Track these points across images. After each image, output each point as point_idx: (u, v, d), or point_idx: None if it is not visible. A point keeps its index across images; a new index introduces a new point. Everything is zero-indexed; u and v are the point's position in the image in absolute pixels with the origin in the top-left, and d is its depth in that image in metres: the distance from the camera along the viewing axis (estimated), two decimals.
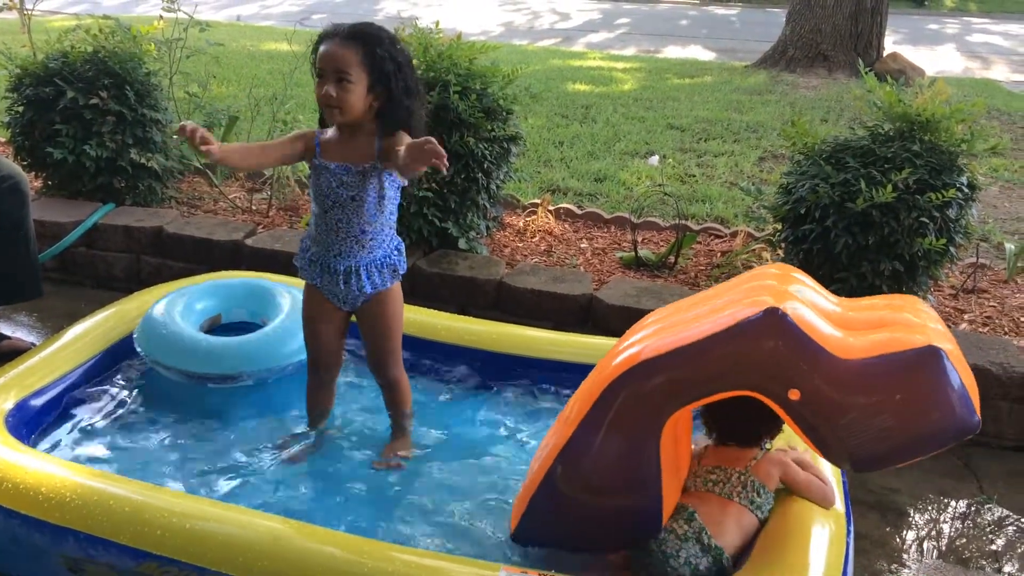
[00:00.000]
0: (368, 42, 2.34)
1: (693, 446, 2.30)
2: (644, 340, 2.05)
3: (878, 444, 1.84)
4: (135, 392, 2.93)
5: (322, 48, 2.34)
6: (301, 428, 2.77)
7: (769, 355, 1.85)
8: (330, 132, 2.49)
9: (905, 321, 1.99)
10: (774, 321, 1.83)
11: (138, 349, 2.92)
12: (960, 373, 1.83)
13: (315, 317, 2.61)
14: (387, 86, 2.36)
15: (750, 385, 1.90)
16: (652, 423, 1.96)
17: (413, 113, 2.42)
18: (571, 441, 2.01)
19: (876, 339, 1.89)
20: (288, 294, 3.08)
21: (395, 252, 2.54)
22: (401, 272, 2.56)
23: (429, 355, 3.14)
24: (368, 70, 2.33)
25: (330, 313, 2.58)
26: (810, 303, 1.97)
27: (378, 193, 2.43)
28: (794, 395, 1.84)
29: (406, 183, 2.52)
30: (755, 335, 1.85)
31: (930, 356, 1.81)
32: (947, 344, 1.86)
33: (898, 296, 2.21)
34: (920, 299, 2.16)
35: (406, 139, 2.33)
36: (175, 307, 2.99)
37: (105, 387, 2.92)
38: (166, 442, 2.71)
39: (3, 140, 5.31)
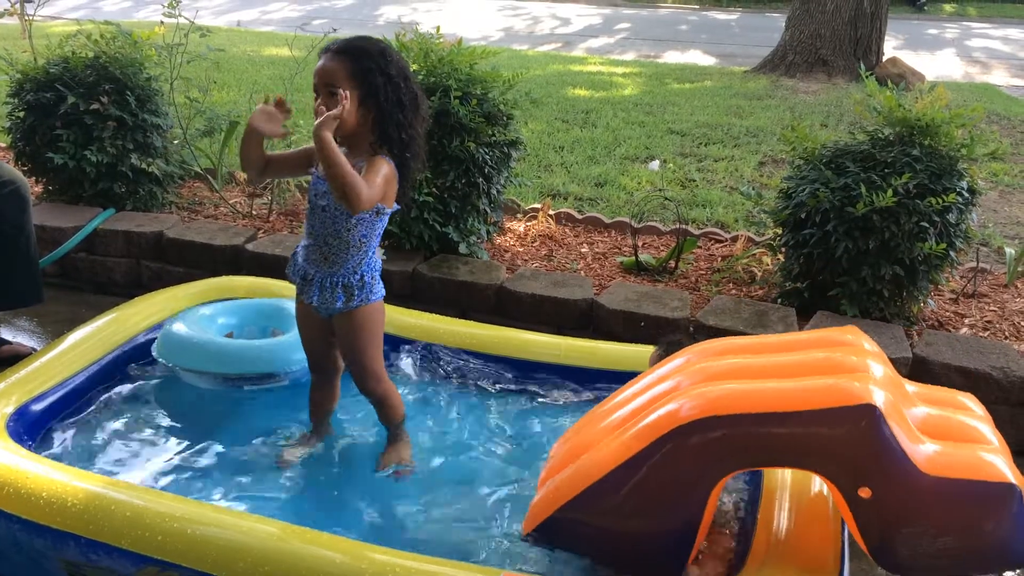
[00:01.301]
0: (356, 55, 2.33)
1: None
2: (712, 380, 2.02)
3: (931, 560, 1.86)
4: (136, 397, 2.93)
5: (320, 62, 2.35)
6: (301, 433, 2.77)
7: (855, 451, 1.84)
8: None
9: (980, 435, 1.99)
10: (869, 419, 1.81)
11: (168, 360, 2.96)
12: None
13: (300, 320, 2.64)
14: (376, 98, 2.34)
15: (823, 470, 1.90)
16: (714, 474, 1.95)
17: (404, 127, 2.38)
18: (621, 469, 2.00)
19: (956, 456, 1.88)
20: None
21: (353, 275, 2.45)
22: (357, 299, 2.46)
23: (430, 359, 3.14)
24: (358, 83, 2.32)
25: (310, 316, 2.58)
26: (894, 395, 1.94)
27: (358, 217, 2.39)
28: (864, 493, 1.84)
29: (391, 209, 2.47)
30: (847, 427, 1.83)
31: (1008, 495, 1.83)
32: (1018, 476, 1.87)
33: (962, 393, 2.21)
34: (975, 399, 2.18)
35: (382, 167, 2.34)
36: (196, 319, 3.09)
37: (106, 392, 2.91)
38: (167, 447, 2.71)
39: (4, 145, 5.32)
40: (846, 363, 1.99)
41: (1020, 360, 3.25)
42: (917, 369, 3.24)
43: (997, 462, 1.87)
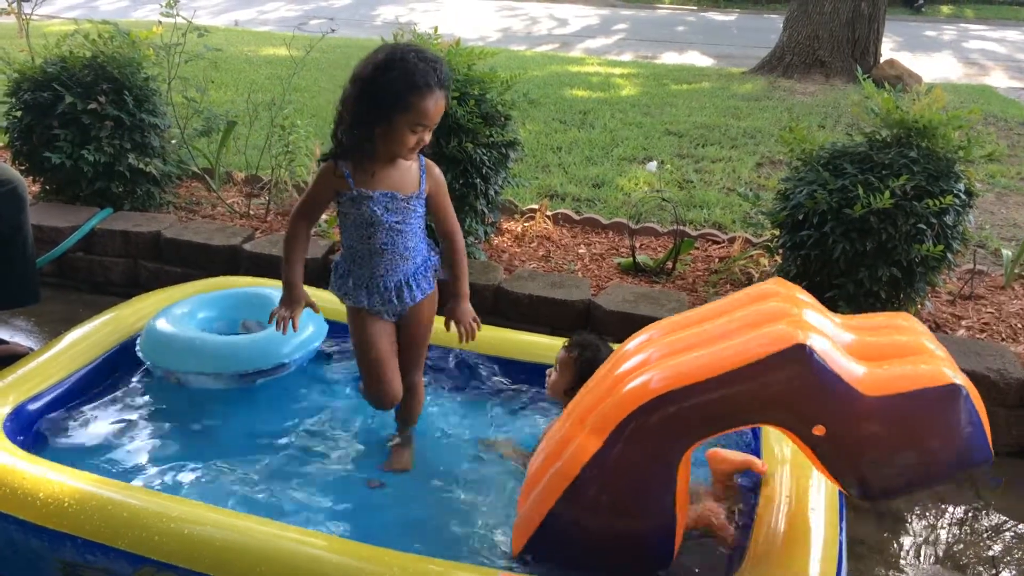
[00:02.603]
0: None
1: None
2: (655, 364, 2.03)
3: (897, 478, 1.88)
4: (133, 397, 2.93)
5: (431, 102, 2.30)
6: (297, 433, 2.77)
7: (797, 393, 1.85)
8: (357, 159, 2.43)
9: (916, 347, 2.00)
10: (801, 358, 1.82)
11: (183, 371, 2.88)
12: (978, 408, 1.86)
13: (371, 339, 2.57)
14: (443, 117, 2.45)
15: (773, 420, 1.92)
16: (671, 453, 1.96)
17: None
18: (588, 466, 2.00)
19: (897, 373, 1.89)
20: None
21: (430, 258, 2.61)
22: (432, 285, 2.63)
23: (428, 360, 3.14)
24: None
25: (383, 329, 2.59)
26: (825, 331, 1.96)
27: (419, 214, 2.52)
28: (819, 431, 1.85)
29: None
30: (783, 372, 1.84)
31: (954, 394, 1.84)
32: (962, 377, 1.88)
33: (896, 315, 2.21)
34: (913, 317, 2.18)
35: (440, 176, 2.56)
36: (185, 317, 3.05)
37: (103, 392, 2.91)
38: (163, 447, 2.70)
39: (1, 145, 5.31)
40: (772, 311, 2.00)
41: (1017, 362, 3.26)
42: None
43: (937, 366, 1.88)
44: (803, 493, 2.26)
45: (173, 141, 4.78)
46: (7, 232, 3.32)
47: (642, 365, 2.06)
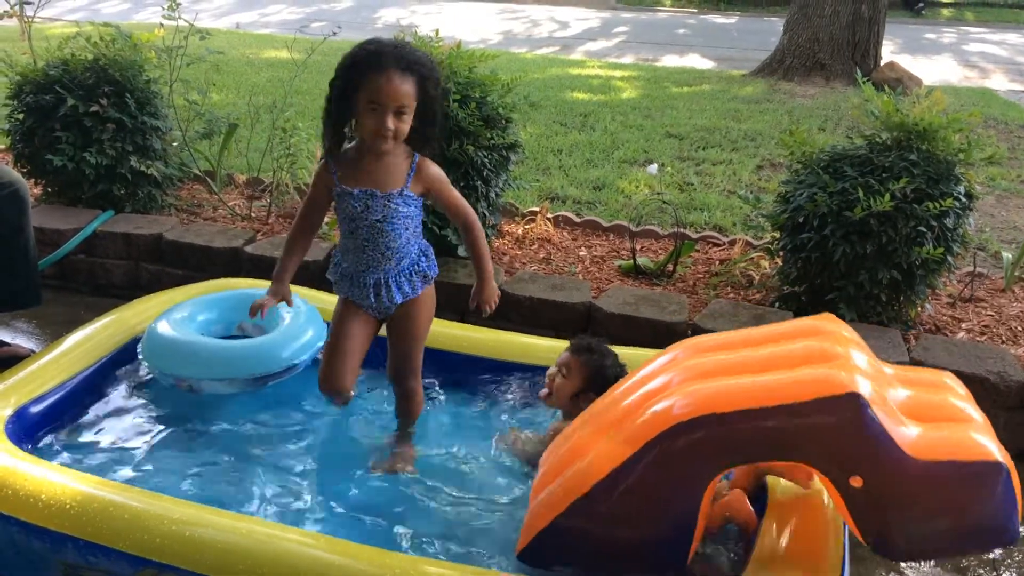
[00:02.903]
0: (424, 74, 2.39)
1: None
2: (692, 383, 2.01)
3: (922, 543, 1.87)
4: (135, 400, 2.93)
5: (378, 80, 2.33)
6: (298, 435, 2.77)
7: (842, 441, 1.83)
8: (348, 156, 2.52)
9: (963, 414, 1.99)
10: (855, 408, 1.80)
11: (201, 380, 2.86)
12: (1016, 489, 1.85)
13: (346, 329, 2.63)
14: (431, 109, 2.44)
15: (811, 461, 1.89)
16: (705, 473, 1.95)
17: (439, 128, 2.53)
18: (614, 474, 1.99)
19: (945, 439, 1.88)
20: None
21: (422, 259, 2.62)
22: (432, 276, 2.65)
23: (428, 363, 3.14)
24: (419, 99, 2.40)
25: (363, 323, 2.64)
26: (877, 382, 1.94)
27: (404, 214, 2.51)
28: (856, 482, 1.84)
29: (430, 201, 2.62)
30: (832, 418, 1.82)
31: (997, 473, 1.83)
32: (1005, 454, 1.88)
33: (941, 373, 2.21)
34: (956, 378, 2.19)
35: (438, 173, 2.54)
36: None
37: (104, 394, 2.91)
38: (165, 449, 2.71)
39: (3, 147, 5.32)
40: (826, 352, 1.99)
41: (1017, 365, 3.26)
42: None
43: (983, 440, 1.88)
44: (807, 495, 2.26)
45: (175, 144, 4.79)
46: (9, 234, 3.32)
47: (678, 382, 2.04)
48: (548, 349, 3.10)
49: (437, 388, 3.06)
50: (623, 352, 3.11)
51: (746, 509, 2.24)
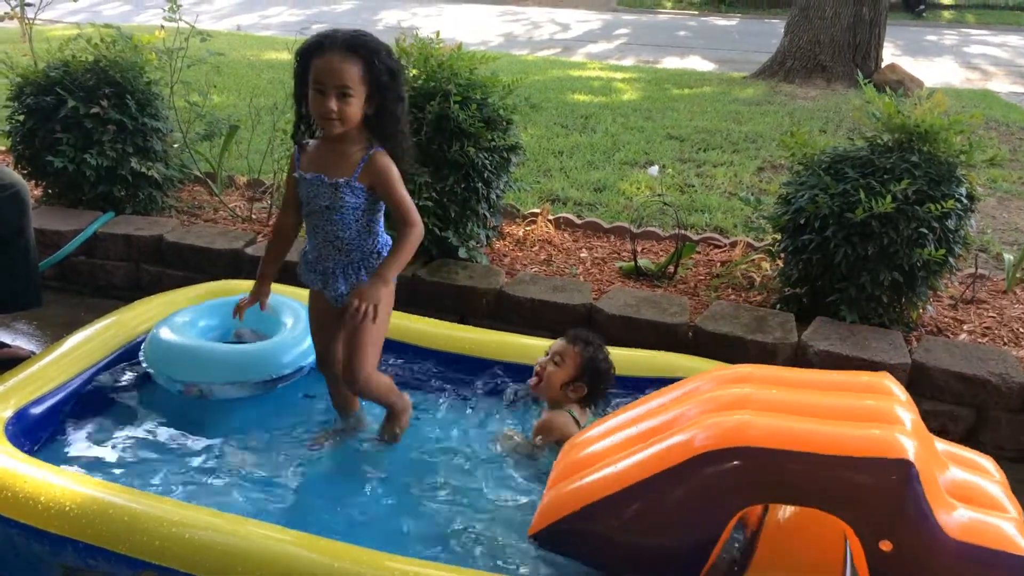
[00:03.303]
0: (368, 55, 2.36)
1: None
2: (750, 408, 2.02)
3: None
4: (134, 401, 2.93)
5: (320, 61, 2.35)
6: (297, 437, 2.77)
7: (884, 504, 1.83)
8: (312, 142, 2.55)
9: (997, 502, 2.00)
10: (904, 474, 1.81)
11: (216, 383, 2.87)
12: None
13: (314, 316, 2.72)
14: (383, 95, 2.39)
15: (847, 516, 1.88)
16: (735, 503, 1.95)
17: (400, 120, 2.46)
18: (645, 484, 1.99)
19: (981, 523, 1.88)
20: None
21: (373, 255, 2.56)
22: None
23: (429, 364, 3.14)
24: (367, 82, 2.37)
25: (326, 312, 2.66)
26: (926, 452, 1.93)
27: (352, 205, 2.47)
28: (885, 547, 1.83)
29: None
30: (880, 479, 1.82)
31: None
32: None
33: (982, 456, 2.22)
34: (995, 463, 2.20)
35: (385, 167, 2.44)
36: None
37: (105, 396, 2.91)
38: (165, 451, 2.70)
39: (4, 149, 5.32)
40: (882, 412, 1.99)
41: (1019, 366, 3.25)
42: (916, 375, 3.24)
43: (1017, 535, 1.87)
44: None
45: (175, 145, 4.79)
46: (9, 236, 3.32)
47: (736, 406, 2.04)
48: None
49: (436, 390, 3.06)
50: (625, 353, 3.12)
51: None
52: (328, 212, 2.48)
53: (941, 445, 2.18)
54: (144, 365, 2.93)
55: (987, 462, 2.20)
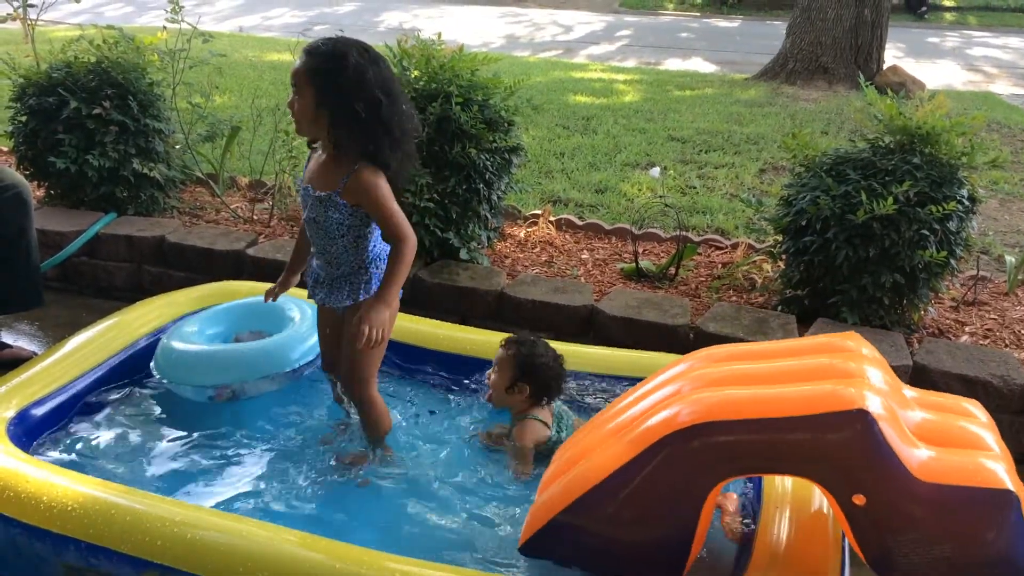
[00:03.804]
0: (315, 57, 2.36)
1: None
2: (711, 387, 2.02)
3: (929, 569, 1.83)
4: (136, 402, 2.93)
5: None
6: (299, 437, 2.78)
7: (848, 457, 1.82)
8: (317, 152, 2.55)
9: (981, 442, 1.97)
10: (862, 424, 1.79)
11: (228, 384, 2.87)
12: None
13: (320, 319, 2.76)
14: (333, 99, 2.35)
15: (815, 476, 1.88)
16: (709, 479, 1.94)
17: (379, 142, 2.38)
18: (616, 475, 1.99)
19: (954, 464, 1.86)
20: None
21: (360, 271, 2.54)
22: (363, 293, 2.54)
23: (430, 365, 3.15)
24: (312, 84, 2.35)
25: (327, 315, 2.72)
26: (891, 402, 1.92)
27: (336, 220, 2.46)
28: (859, 500, 1.82)
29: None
30: (840, 433, 1.81)
31: (1006, 501, 1.80)
32: (1018, 484, 1.85)
33: (966, 400, 2.20)
34: (980, 405, 2.17)
35: (368, 185, 2.38)
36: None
37: (106, 396, 2.91)
38: (168, 451, 2.71)
39: (6, 150, 5.33)
40: (842, 368, 1.98)
41: (1020, 368, 3.25)
42: (917, 377, 3.24)
43: (996, 469, 1.85)
44: (807, 496, 2.26)
45: (177, 146, 4.80)
46: (11, 236, 3.33)
47: (688, 390, 2.04)
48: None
49: (437, 390, 3.07)
50: (625, 355, 3.12)
51: (735, 509, 2.26)
52: (315, 224, 2.50)
53: (913, 392, 2.14)
54: (164, 381, 2.88)
55: (973, 407, 2.15)
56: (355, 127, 2.36)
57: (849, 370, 1.97)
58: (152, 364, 2.95)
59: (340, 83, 2.32)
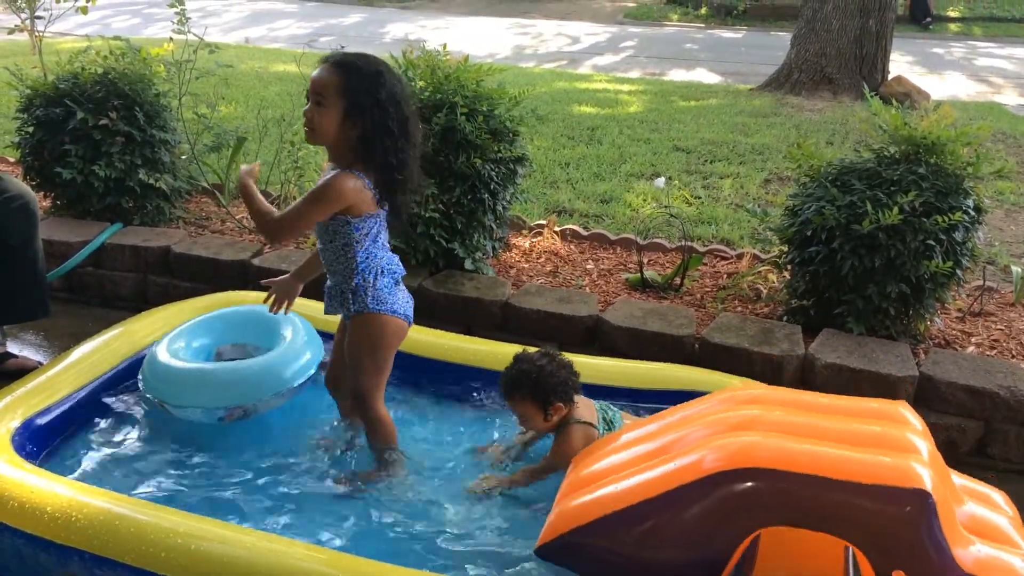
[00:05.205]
0: (349, 72, 2.38)
1: None
2: (760, 430, 2.00)
3: None
4: (141, 412, 2.93)
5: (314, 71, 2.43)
6: (303, 449, 2.77)
7: (900, 533, 1.81)
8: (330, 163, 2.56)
9: (1008, 537, 1.98)
10: (922, 505, 1.79)
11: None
12: None
13: (337, 330, 2.80)
14: (362, 118, 2.39)
15: (860, 543, 1.85)
16: (747, 526, 1.92)
17: (390, 151, 2.41)
18: (656, 500, 1.98)
19: (995, 560, 1.87)
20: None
21: (347, 283, 2.54)
22: (354, 306, 2.54)
23: (436, 375, 3.14)
24: (344, 98, 2.38)
25: (340, 327, 2.76)
26: (943, 483, 1.91)
27: (320, 226, 2.50)
28: (897, 575, 1.81)
29: (360, 217, 2.50)
30: (898, 508, 1.81)
31: None
32: None
33: (995, 490, 2.22)
34: (1002, 494, 2.20)
35: (327, 183, 2.40)
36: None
37: (111, 407, 2.92)
38: (172, 462, 2.71)
39: (13, 160, 5.35)
40: (897, 440, 1.97)
41: None
42: (923, 388, 3.23)
43: None
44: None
45: (183, 157, 4.81)
46: (18, 246, 3.34)
47: (739, 427, 2.03)
48: None
49: (442, 401, 3.06)
50: (631, 365, 3.11)
51: None
52: (316, 230, 2.55)
53: (956, 479, 2.16)
54: (171, 409, 2.80)
55: (998, 496, 2.18)
56: (387, 142, 2.40)
57: (906, 444, 1.96)
58: (142, 384, 2.86)
59: (378, 99, 2.37)
